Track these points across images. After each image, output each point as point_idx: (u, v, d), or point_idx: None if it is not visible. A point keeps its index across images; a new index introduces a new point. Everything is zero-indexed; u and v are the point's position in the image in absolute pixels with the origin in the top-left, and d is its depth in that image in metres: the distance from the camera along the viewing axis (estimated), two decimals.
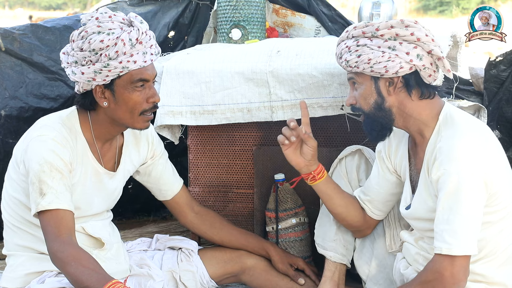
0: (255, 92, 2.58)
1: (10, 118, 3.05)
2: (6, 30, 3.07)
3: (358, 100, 2.06)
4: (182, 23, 3.43)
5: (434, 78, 2.01)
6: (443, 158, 1.87)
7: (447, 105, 2.04)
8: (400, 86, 2.00)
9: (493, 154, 1.92)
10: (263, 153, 2.76)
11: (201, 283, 2.42)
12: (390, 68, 1.96)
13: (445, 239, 1.84)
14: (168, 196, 2.48)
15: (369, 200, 2.26)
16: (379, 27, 1.97)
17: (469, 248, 1.83)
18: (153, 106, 2.13)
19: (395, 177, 2.21)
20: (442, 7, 20.90)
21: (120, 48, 2.00)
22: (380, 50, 1.96)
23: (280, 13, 3.35)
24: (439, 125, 1.99)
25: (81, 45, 2.02)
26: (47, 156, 2.01)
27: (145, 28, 2.07)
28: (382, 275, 2.33)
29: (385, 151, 2.21)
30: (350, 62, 2.01)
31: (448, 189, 1.85)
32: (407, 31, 1.95)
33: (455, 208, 1.84)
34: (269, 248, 2.51)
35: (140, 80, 2.07)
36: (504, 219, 1.95)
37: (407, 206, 2.10)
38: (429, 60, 1.97)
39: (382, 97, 2.02)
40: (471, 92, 2.96)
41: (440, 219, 1.87)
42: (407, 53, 1.95)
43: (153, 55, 2.08)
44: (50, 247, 1.95)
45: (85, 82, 2.06)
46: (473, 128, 1.95)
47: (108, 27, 2.02)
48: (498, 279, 1.97)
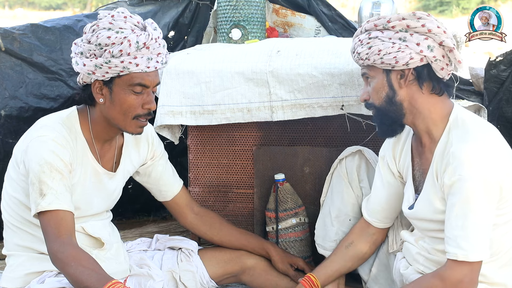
0: (255, 92, 2.58)
1: (10, 118, 3.05)
2: (6, 30, 3.07)
3: (371, 95, 2.05)
4: (182, 23, 3.43)
5: (447, 72, 2.00)
6: (457, 164, 1.85)
7: (457, 107, 2.03)
8: (412, 79, 1.99)
9: (506, 158, 1.91)
10: (263, 153, 2.76)
11: (201, 283, 2.42)
12: (400, 58, 1.95)
13: (460, 245, 1.84)
14: (168, 197, 2.48)
15: (375, 212, 2.25)
16: (390, 19, 1.97)
17: (484, 253, 1.85)
18: (147, 113, 2.11)
19: (399, 182, 2.20)
20: (442, 7, 20.89)
21: (125, 48, 2.00)
22: (391, 41, 1.96)
23: (280, 13, 3.35)
24: (449, 127, 1.98)
25: (89, 38, 2.03)
26: (47, 157, 2.01)
27: (157, 35, 2.06)
28: (383, 275, 2.34)
29: (390, 155, 2.20)
30: (361, 55, 2.01)
31: (463, 195, 1.84)
32: (418, 23, 1.94)
33: (470, 214, 1.83)
34: (269, 248, 2.50)
35: (140, 84, 2.06)
36: (509, 222, 1.94)
37: (410, 206, 2.10)
38: (441, 52, 1.96)
39: (394, 90, 2.01)
40: (471, 92, 2.96)
41: (453, 225, 1.86)
42: (418, 44, 1.94)
43: (158, 63, 2.07)
44: (50, 248, 1.95)
45: (85, 74, 2.06)
46: (485, 131, 1.94)
47: (119, 26, 2.03)
48: (499, 279, 1.97)
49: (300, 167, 2.73)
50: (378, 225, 2.27)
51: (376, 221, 2.27)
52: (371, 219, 2.27)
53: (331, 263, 2.30)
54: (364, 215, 2.29)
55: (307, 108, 2.54)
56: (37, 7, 20.18)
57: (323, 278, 2.27)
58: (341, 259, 2.29)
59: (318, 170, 2.70)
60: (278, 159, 2.74)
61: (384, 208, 2.24)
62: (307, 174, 2.73)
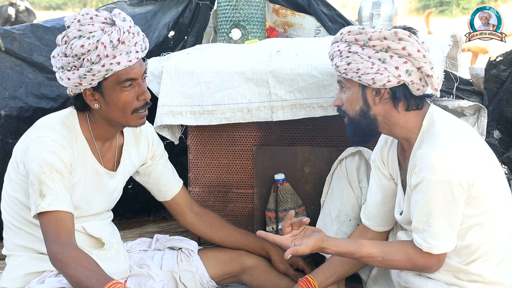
0: (255, 92, 2.58)
1: (10, 118, 3.05)
2: (6, 30, 3.07)
3: (344, 104, 2.06)
4: (182, 23, 3.43)
5: (423, 91, 2.01)
6: (422, 166, 1.90)
7: (431, 109, 2.04)
8: (387, 97, 2.00)
9: (474, 157, 1.92)
10: (263, 153, 2.76)
11: (201, 283, 2.42)
12: (378, 80, 1.95)
13: (426, 240, 1.94)
14: (167, 196, 2.48)
15: (372, 216, 2.26)
16: (372, 37, 1.95)
17: (448, 246, 1.94)
18: (144, 103, 2.11)
19: (394, 184, 2.20)
20: (442, 7, 20.89)
21: (101, 51, 1.97)
22: (370, 61, 1.95)
23: (280, 13, 3.34)
24: (422, 131, 2.00)
25: (64, 51, 2.01)
26: (47, 158, 2.01)
27: (128, 26, 2.02)
28: (383, 275, 2.34)
29: (379, 159, 2.21)
30: (340, 68, 2.01)
31: (426, 195, 1.89)
32: (399, 45, 1.93)
33: (435, 213, 1.90)
34: (269, 248, 2.50)
35: (127, 80, 2.05)
36: (493, 219, 1.96)
37: (401, 212, 2.11)
38: (419, 75, 1.97)
39: (368, 105, 2.02)
40: (471, 92, 2.96)
41: (418, 220, 1.94)
42: (397, 67, 1.94)
43: (138, 52, 2.05)
44: (49, 249, 1.95)
45: (72, 87, 2.06)
46: (452, 132, 1.95)
47: (88, 30, 1.99)
48: (494, 278, 1.98)
49: (300, 167, 2.73)
50: (376, 229, 2.27)
51: (374, 225, 2.26)
52: (369, 223, 2.27)
53: (329, 266, 2.30)
54: (362, 220, 2.29)
55: (307, 108, 2.54)
56: (37, 7, 20.17)
57: (321, 280, 2.27)
58: (340, 262, 2.29)
59: (318, 170, 2.70)
60: (278, 159, 2.74)
61: (380, 211, 2.24)
62: (307, 174, 2.73)
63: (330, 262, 2.31)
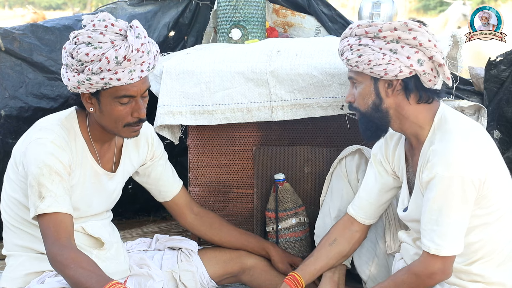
0: (255, 92, 2.58)
1: (10, 118, 3.05)
2: (6, 30, 3.07)
3: (356, 99, 2.06)
4: (182, 23, 3.43)
5: (434, 83, 2.01)
6: (435, 161, 1.89)
7: (443, 106, 2.04)
8: (399, 89, 2.00)
9: (486, 156, 1.92)
10: (263, 153, 2.76)
11: (201, 283, 2.42)
12: (390, 71, 1.95)
13: (434, 240, 1.91)
14: (167, 197, 2.48)
15: (362, 207, 2.26)
16: (382, 28, 1.96)
17: (456, 249, 1.91)
18: (138, 120, 2.08)
19: (392, 179, 2.21)
20: (442, 7, 20.88)
21: (104, 65, 1.95)
22: (381, 52, 1.95)
23: (280, 13, 3.35)
24: (434, 128, 2.00)
25: (71, 51, 2.00)
26: (46, 159, 2.01)
27: (139, 43, 1.97)
28: (382, 275, 2.34)
29: (382, 154, 2.21)
30: (351, 61, 2.01)
31: (438, 192, 1.88)
32: (409, 35, 1.94)
33: (445, 211, 1.88)
34: (269, 248, 2.50)
35: (125, 96, 2.02)
36: (500, 219, 1.96)
37: (405, 209, 2.10)
38: (430, 65, 1.97)
39: (380, 98, 2.02)
40: (471, 92, 2.96)
41: (428, 218, 1.92)
42: (408, 57, 1.94)
43: (143, 72, 2.00)
44: (49, 251, 1.94)
45: (71, 88, 2.06)
46: (466, 130, 1.96)
47: (98, 40, 1.96)
48: (496, 279, 1.98)
49: (300, 167, 2.73)
50: (363, 221, 2.27)
51: (362, 217, 2.26)
52: (357, 215, 2.26)
53: (315, 261, 2.29)
54: (349, 210, 2.28)
55: (307, 108, 2.54)
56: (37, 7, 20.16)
57: (307, 276, 2.26)
58: (325, 256, 2.28)
59: (318, 170, 2.70)
60: (278, 159, 2.74)
61: (372, 203, 2.24)
62: (307, 174, 2.73)
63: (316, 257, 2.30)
